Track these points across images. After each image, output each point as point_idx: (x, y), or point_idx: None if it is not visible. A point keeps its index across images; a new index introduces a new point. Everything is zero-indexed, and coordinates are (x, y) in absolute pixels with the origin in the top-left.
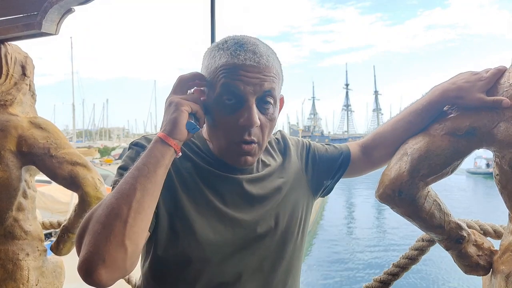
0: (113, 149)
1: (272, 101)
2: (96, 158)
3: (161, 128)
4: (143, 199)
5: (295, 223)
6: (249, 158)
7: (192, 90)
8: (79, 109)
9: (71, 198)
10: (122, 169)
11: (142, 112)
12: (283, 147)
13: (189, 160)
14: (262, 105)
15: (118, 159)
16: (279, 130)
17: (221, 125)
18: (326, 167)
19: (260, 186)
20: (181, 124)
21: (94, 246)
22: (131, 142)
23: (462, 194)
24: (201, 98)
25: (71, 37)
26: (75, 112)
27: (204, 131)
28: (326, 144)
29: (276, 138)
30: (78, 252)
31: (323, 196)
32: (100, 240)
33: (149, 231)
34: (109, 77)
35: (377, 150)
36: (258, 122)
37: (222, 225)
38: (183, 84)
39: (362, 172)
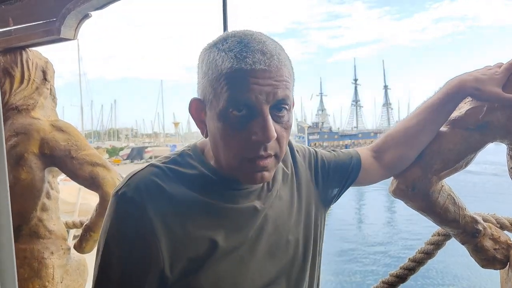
0: (121, 149)
1: (287, 107)
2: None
3: None
4: None
5: (313, 244)
6: (266, 174)
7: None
8: (88, 111)
9: (78, 199)
10: (102, 267)
11: (150, 112)
12: (288, 155)
13: (186, 201)
14: (276, 113)
15: (126, 159)
16: None
17: (230, 142)
18: (337, 175)
19: (273, 204)
20: None
21: None
22: (116, 191)
23: None
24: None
25: (78, 39)
26: (83, 113)
27: (205, 146)
28: (332, 150)
29: None
30: None
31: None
32: None
33: None
34: (117, 77)
35: (389, 152)
36: (275, 135)
37: (234, 264)
38: None
39: (373, 179)
